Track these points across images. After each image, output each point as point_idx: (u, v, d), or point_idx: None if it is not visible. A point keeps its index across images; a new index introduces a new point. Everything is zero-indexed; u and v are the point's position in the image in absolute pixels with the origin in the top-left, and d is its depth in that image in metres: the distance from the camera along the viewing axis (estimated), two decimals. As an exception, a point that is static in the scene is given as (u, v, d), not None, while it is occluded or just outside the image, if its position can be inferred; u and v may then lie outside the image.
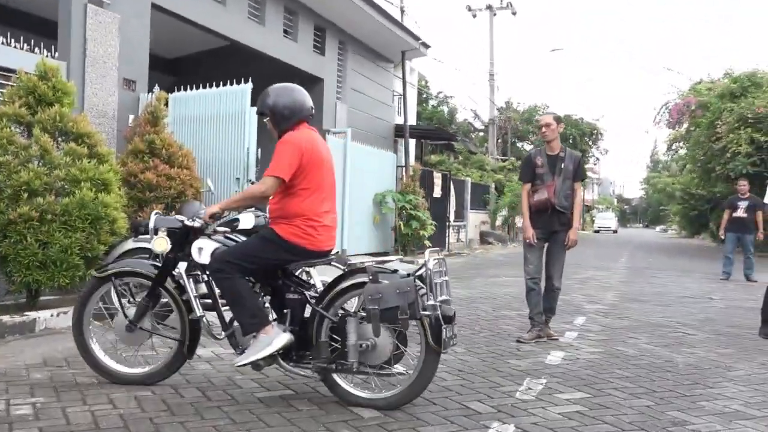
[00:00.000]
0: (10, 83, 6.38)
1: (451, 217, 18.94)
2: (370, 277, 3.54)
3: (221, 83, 8.69)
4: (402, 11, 18.06)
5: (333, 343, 3.64)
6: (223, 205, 3.86)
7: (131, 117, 8.24)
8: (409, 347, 3.68)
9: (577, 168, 5.76)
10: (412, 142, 18.80)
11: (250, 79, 8.43)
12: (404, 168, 15.91)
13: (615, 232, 52.75)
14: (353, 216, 12.96)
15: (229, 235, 4.25)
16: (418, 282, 3.51)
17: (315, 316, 3.68)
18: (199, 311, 3.87)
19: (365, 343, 3.54)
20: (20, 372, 4.22)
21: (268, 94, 3.86)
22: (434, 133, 21.86)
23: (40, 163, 5.78)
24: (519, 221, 22.02)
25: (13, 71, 6.34)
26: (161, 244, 3.92)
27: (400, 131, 17.96)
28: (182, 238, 3.95)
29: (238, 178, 8.36)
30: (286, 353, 3.71)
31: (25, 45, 7.32)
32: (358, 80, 16.06)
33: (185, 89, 9.02)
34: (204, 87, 8.83)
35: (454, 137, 23.65)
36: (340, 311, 3.69)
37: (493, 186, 24.79)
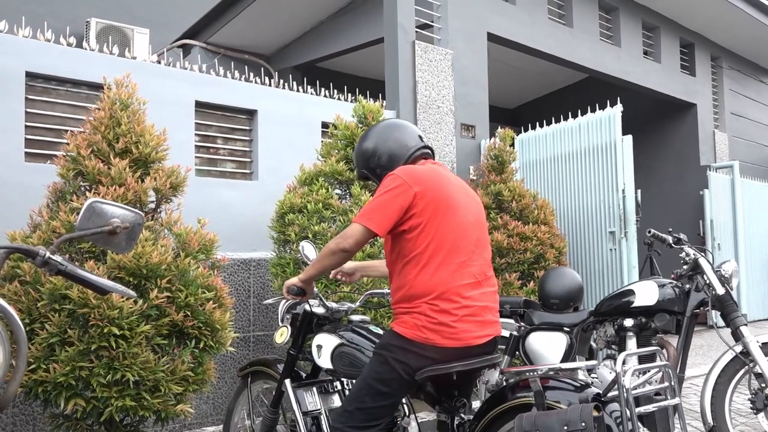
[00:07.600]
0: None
1: None
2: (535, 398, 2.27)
3: (577, 115, 6.84)
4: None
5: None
6: (304, 277, 2.74)
7: (471, 168, 6.77)
8: None
9: None
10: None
11: (618, 100, 6.40)
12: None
13: None
14: (749, 271, 10.31)
15: (363, 327, 2.92)
16: (609, 409, 2.18)
17: None
18: None
19: None
20: None
21: (359, 148, 2.83)
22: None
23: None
24: None
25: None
26: (279, 334, 3.11)
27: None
28: (305, 329, 3.09)
29: (611, 232, 6.27)
30: None
31: (349, 95, 6.34)
32: (737, 102, 12.95)
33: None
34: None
35: None
36: None
37: None
